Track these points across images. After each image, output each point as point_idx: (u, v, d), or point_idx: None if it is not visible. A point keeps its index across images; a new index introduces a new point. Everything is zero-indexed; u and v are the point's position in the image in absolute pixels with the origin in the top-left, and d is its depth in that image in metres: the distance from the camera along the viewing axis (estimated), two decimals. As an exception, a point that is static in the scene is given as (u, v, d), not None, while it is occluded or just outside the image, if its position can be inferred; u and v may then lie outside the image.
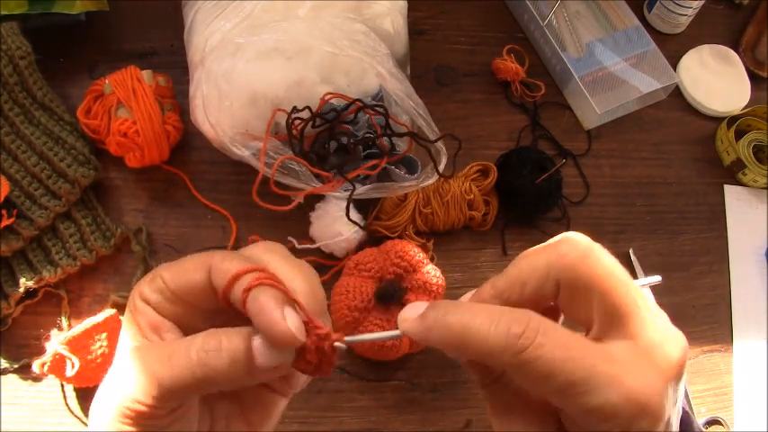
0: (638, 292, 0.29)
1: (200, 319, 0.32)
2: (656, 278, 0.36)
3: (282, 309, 0.28)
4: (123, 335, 0.31)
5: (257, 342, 0.29)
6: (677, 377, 0.29)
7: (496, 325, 0.28)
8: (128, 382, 0.29)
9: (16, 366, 0.58)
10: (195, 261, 0.31)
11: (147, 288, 0.31)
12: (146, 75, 0.64)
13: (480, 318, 0.28)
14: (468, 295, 0.33)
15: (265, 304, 0.28)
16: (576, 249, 0.29)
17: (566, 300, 0.30)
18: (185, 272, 0.31)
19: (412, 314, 0.31)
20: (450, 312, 0.29)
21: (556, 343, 0.27)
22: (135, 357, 0.29)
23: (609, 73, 0.77)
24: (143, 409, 0.28)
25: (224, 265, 0.29)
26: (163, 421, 0.29)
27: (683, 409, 0.34)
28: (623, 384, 0.27)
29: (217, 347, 0.29)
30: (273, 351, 0.29)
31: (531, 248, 0.32)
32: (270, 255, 0.31)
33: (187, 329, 0.31)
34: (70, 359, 0.54)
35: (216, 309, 0.31)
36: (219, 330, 0.29)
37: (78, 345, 0.54)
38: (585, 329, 0.31)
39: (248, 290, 0.28)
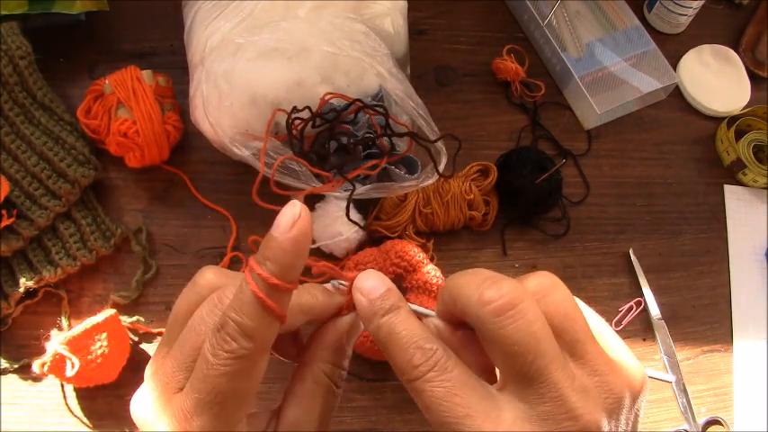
0: (553, 362, 0.28)
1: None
2: (670, 377, 0.36)
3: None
4: None
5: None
6: (633, 394, 0.29)
7: (407, 348, 0.29)
8: None
9: (16, 366, 0.58)
10: (219, 369, 0.28)
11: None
12: (146, 75, 0.64)
13: (402, 334, 0.30)
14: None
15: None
16: (498, 300, 0.28)
17: (479, 338, 0.30)
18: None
19: (369, 291, 0.31)
20: (390, 314, 0.31)
21: (442, 383, 0.28)
22: None
23: (609, 73, 0.77)
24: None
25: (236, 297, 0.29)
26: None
27: None
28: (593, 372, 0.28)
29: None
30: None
31: (477, 273, 0.31)
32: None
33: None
34: (70, 359, 0.54)
35: None
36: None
37: (78, 345, 0.54)
38: None
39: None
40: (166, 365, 0.30)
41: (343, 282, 0.34)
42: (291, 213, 0.28)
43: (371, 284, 0.31)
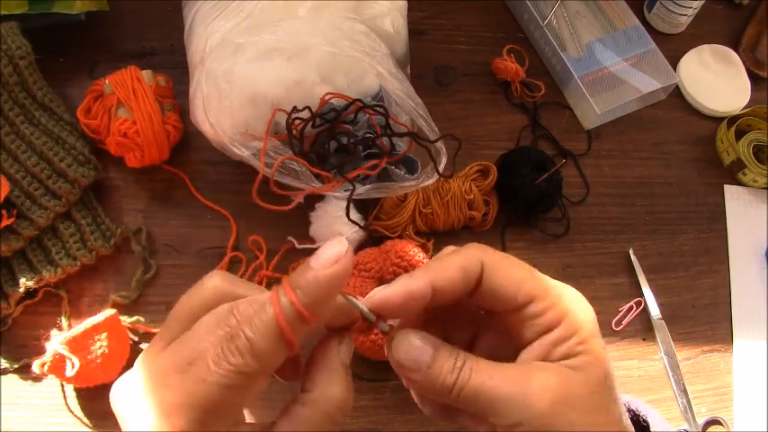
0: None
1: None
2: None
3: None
4: None
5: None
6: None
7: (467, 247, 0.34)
8: None
9: (16, 366, 0.58)
10: (217, 377, 0.28)
11: None
12: (146, 75, 0.64)
13: (450, 255, 0.33)
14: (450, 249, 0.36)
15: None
16: (478, 249, 0.34)
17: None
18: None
19: (383, 290, 0.32)
20: (423, 269, 0.33)
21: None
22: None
23: (609, 73, 0.77)
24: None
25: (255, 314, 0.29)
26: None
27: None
28: (563, 291, 0.33)
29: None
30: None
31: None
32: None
33: None
34: (70, 359, 0.54)
35: None
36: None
37: (78, 345, 0.54)
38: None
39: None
40: (161, 361, 0.29)
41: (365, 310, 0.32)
42: (337, 251, 0.28)
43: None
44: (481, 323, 0.37)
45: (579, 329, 0.32)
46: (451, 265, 0.32)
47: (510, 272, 0.33)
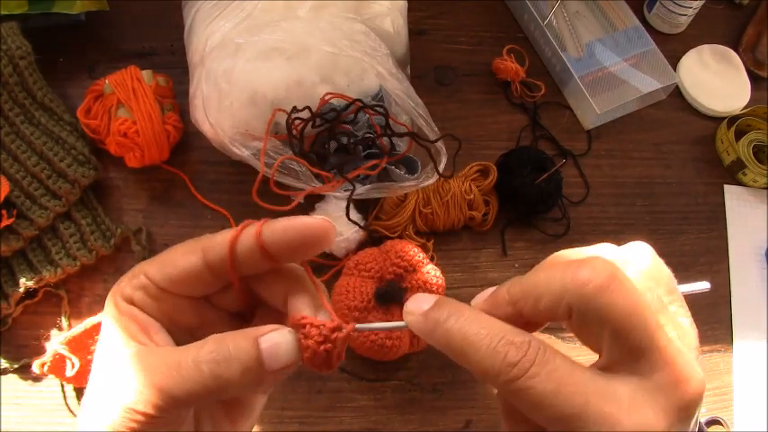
0: (659, 328, 0.28)
1: (184, 314, 0.32)
2: (705, 285, 0.35)
3: (305, 218, 0.30)
4: (108, 338, 0.31)
5: (265, 345, 0.29)
6: (685, 419, 0.28)
7: (495, 347, 0.27)
8: (128, 391, 0.28)
9: (16, 366, 0.58)
10: (182, 248, 0.32)
11: (129, 287, 0.31)
12: (146, 75, 0.64)
13: (481, 333, 0.28)
14: (486, 294, 0.32)
15: (284, 222, 0.30)
16: (596, 278, 0.27)
17: (576, 325, 0.29)
18: (173, 261, 0.31)
19: (417, 308, 0.30)
20: (453, 317, 0.29)
21: (550, 375, 0.26)
22: (135, 365, 0.29)
23: (609, 73, 0.77)
24: (142, 418, 0.28)
25: (218, 237, 0.31)
26: (163, 428, 0.29)
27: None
28: (618, 424, 0.26)
29: (227, 357, 0.28)
30: (283, 352, 0.29)
31: (557, 259, 0.31)
32: None
33: (171, 327, 0.32)
34: (70, 359, 0.54)
35: (201, 298, 0.32)
36: (225, 337, 0.29)
37: (78, 345, 0.54)
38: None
39: (259, 229, 0.30)
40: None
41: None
42: (321, 218, 0.31)
43: (420, 304, 0.30)
44: None
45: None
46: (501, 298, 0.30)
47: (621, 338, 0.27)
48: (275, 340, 0.29)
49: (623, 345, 0.27)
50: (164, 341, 0.31)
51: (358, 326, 0.31)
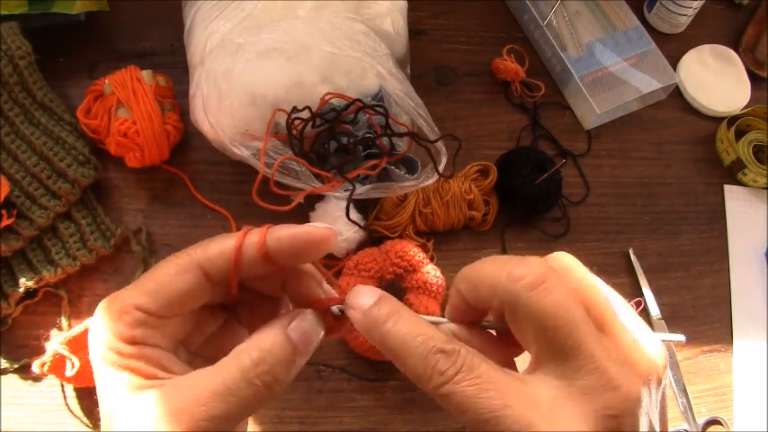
0: (589, 333, 0.28)
1: (183, 327, 0.31)
2: (680, 337, 0.35)
3: (309, 228, 0.30)
4: (116, 389, 0.29)
5: (295, 334, 0.29)
6: (655, 381, 0.28)
7: (426, 355, 0.28)
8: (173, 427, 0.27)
9: (16, 366, 0.58)
10: (173, 268, 0.30)
11: (124, 328, 0.29)
12: (146, 75, 0.64)
13: (417, 341, 0.29)
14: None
15: (287, 229, 0.30)
16: (529, 275, 0.28)
17: (510, 321, 0.30)
18: (167, 284, 0.29)
19: (358, 303, 0.31)
20: (392, 319, 0.30)
21: (473, 381, 0.27)
22: (175, 403, 0.27)
23: (609, 73, 0.77)
24: None
25: (214, 248, 0.30)
26: None
27: None
28: (534, 426, 0.26)
29: (273, 363, 0.28)
30: (311, 330, 0.30)
31: (497, 257, 0.32)
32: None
33: (174, 347, 0.31)
34: (70, 359, 0.54)
35: (196, 311, 0.31)
36: (255, 345, 0.29)
37: (78, 345, 0.54)
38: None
39: (263, 238, 0.30)
40: None
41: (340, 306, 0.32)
42: (323, 225, 0.31)
43: (362, 298, 0.30)
44: None
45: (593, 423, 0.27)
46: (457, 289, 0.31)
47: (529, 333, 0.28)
48: (303, 328, 0.30)
49: (549, 343, 0.28)
50: (182, 369, 0.30)
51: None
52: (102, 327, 0.29)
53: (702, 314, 0.71)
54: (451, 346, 0.28)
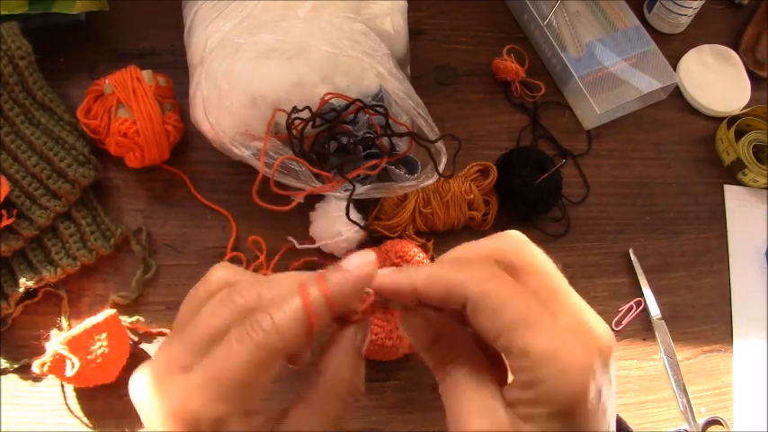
0: (567, 285, 0.32)
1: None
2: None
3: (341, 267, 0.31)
4: None
5: (361, 345, 0.33)
6: (604, 357, 0.29)
7: (464, 265, 0.31)
8: None
9: (16, 366, 0.58)
10: (252, 364, 0.28)
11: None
12: (146, 75, 0.64)
13: (447, 265, 0.32)
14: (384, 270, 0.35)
15: (338, 277, 0.30)
16: (513, 242, 0.34)
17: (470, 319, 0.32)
18: (251, 385, 0.28)
19: (384, 271, 0.32)
20: (417, 267, 0.33)
21: (513, 286, 0.30)
22: None
23: (609, 73, 0.77)
24: None
25: (284, 333, 0.28)
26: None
27: (618, 415, 0.35)
28: (561, 336, 0.29)
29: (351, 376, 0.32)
30: (366, 338, 0.33)
31: (472, 241, 0.34)
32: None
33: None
34: (70, 359, 0.54)
35: None
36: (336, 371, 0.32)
37: (78, 345, 0.54)
38: None
39: (327, 294, 0.30)
40: (171, 349, 0.30)
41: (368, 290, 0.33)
42: (366, 259, 0.31)
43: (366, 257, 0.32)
44: None
45: (549, 402, 0.28)
46: (445, 277, 0.31)
47: (497, 314, 0.29)
48: (364, 339, 0.33)
49: (542, 290, 0.31)
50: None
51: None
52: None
53: (702, 314, 0.71)
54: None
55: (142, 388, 0.30)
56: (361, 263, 0.31)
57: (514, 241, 0.34)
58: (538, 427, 0.28)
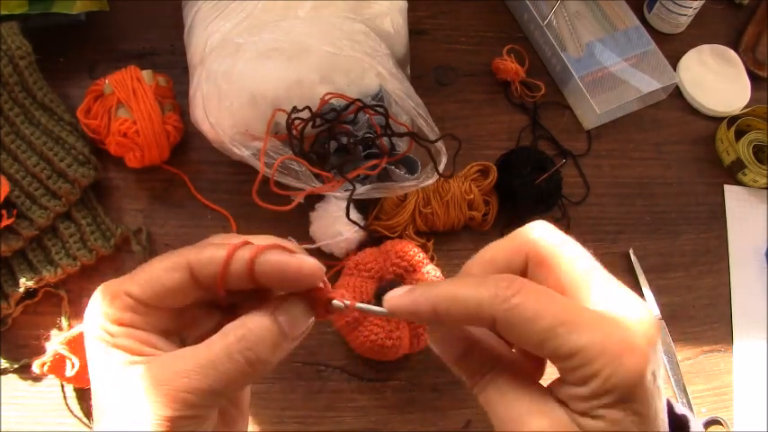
0: (602, 270, 0.30)
1: (171, 321, 0.32)
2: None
3: (293, 255, 0.31)
4: (108, 366, 0.30)
5: (282, 318, 0.30)
6: (651, 340, 0.28)
7: (483, 283, 0.29)
8: (166, 402, 0.28)
9: (16, 366, 0.58)
10: (164, 264, 0.31)
11: (116, 310, 0.31)
12: (146, 75, 0.64)
13: (466, 283, 0.30)
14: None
15: (279, 257, 0.30)
16: (542, 234, 0.32)
17: (533, 274, 0.32)
18: (157, 278, 0.31)
19: (394, 293, 0.31)
20: (435, 285, 0.31)
21: (540, 292, 0.29)
22: (162, 375, 0.29)
23: (609, 73, 0.77)
24: (189, 423, 0.29)
25: (206, 253, 0.31)
26: (209, 426, 0.30)
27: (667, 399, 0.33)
28: (605, 327, 0.28)
29: (255, 341, 0.29)
30: (299, 317, 0.31)
31: (500, 240, 0.33)
32: (235, 238, 0.32)
33: (164, 336, 0.32)
34: (70, 359, 0.54)
35: (191, 307, 0.32)
36: (244, 323, 0.30)
37: (78, 345, 0.54)
38: None
39: (253, 258, 0.30)
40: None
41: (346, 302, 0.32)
42: (314, 267, 0.31)
43: (393, 291, 0.31)
44: None
45: (607, 393, 0.27)
46: (465, 293, 0.29)
47: (533, 324, 0.28)
48: (290, 312, 0.31)
49: (577, 280, 0.30)
50: (170, 347, 0.31)
51: (358, 305, 0.33)
52: (95, 309, 0.31)
53: (702, 314, 0.71)
54: (502, 275, 0.29)
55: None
56: (310, 265, 0.31)
57: (543, 233, 0.32)
58: (600, 420, 0.28)
